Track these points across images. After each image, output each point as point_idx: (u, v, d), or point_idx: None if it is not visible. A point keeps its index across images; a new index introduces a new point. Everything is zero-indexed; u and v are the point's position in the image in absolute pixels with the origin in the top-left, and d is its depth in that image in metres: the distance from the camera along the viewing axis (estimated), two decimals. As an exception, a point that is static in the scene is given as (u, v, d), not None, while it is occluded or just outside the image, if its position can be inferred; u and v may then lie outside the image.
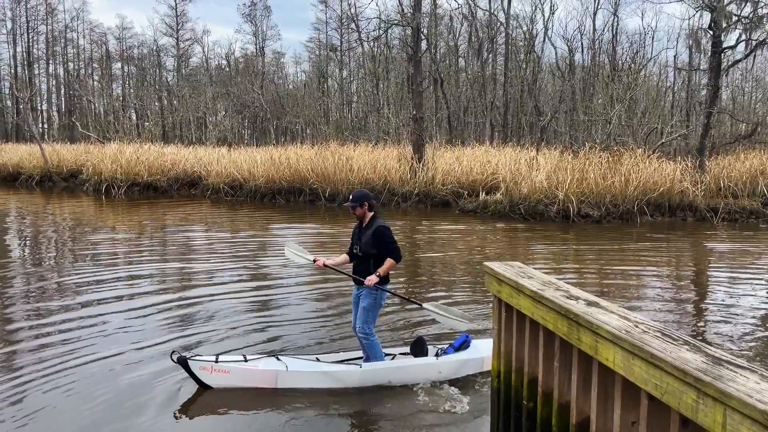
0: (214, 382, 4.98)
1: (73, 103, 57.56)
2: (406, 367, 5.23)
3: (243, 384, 4.98)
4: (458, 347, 5.56)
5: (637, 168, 16.74)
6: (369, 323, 5.17)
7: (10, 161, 30.38)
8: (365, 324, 5.15)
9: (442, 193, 19.38)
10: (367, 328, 5.16)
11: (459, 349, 5.54)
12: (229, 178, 22.38)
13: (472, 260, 11.01)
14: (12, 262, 11.03)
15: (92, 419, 4.62)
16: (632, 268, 10.50)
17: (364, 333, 5.16)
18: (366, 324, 5.16)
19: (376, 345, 5.24)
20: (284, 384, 4.99)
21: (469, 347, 5.53)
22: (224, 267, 10.21)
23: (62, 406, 4.83)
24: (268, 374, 4.97)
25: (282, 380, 4.97)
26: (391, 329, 6.80)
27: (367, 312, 5.14)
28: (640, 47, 37.45)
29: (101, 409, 4.76)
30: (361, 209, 5.22)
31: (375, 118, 34.83)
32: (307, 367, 5.06)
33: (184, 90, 43.52)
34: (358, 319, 5.22)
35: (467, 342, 5.59)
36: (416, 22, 20.86)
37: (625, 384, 2.70)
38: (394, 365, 5.23)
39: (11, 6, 58.66)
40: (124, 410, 4.74)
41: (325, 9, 57.47)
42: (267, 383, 4.97)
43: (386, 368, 5.17)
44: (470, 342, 5.59)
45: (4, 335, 6.64)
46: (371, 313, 5.16)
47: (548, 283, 3.59)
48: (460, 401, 4.97)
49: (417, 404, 4.96)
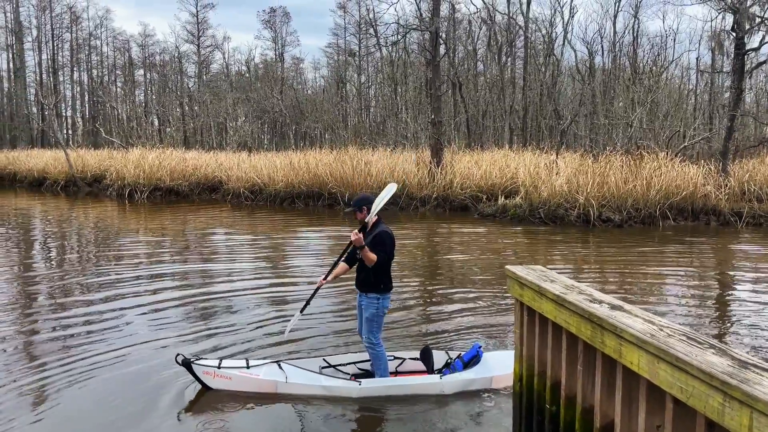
0: (216, 386, 5.09)
1: (96, 110, 58.53)
2: (407, 385, 5.10)
3: (243, 390, 5.06)
4: (468, 362, 5.33)
5: (659, 172, 16.55)
6: (374, 332, 5.11)
7: (36, 167, 31.00)
8: (370, 334, 5.10)
9: (460, 198, 19.35)
10: (373, 338, 5.11)
11: (468, 364, 5.32)
12: (249, 183, 22.59)
13: (491, 264, 10.99)
14: (38, 262, 11.29)
15: (106, 416, 4.76)
16: (655, 272, 10.39)
17: (369, 343, 5.13)
18: (371, 334, 5.11)
19: (382, 356, 5.17)
20: (284, 392, 5.04)
21: (479, 363, 5.28)
22: (243, 269, 10.33)
23: (75, 401, 5.02)
24: (268, 383, 5.04)
25: (281, 390, 5.04)
26: (403, 335, 6.72)
27: (370, 322, 5.10)
28: (661, 50, 37.05)
29: (114, 405, 4.91)
30: (362, 214, 5.13)
31: (393, 122, 34.89)
32: (307, 380, 5.06)
33: (205, 96, 44.06)
34: (363, 330, 5.19)
35: (478, 356, 5.33)
36: (435, 27, 20.90)
37: (650, 387, 2.70)
38: (394, 383, 5.12)
39: (36, 14, 60.03)
40: (133, 408, 4.86)
41: (344, 14, 57.79)
42: (267, 390, 5.05)
43: (386, 386, 5.08)
44: (481, 356, 5.33)
45: (29, 331, 6.83)
46: (375, 323, 5.10)
47: (571, 286, 3.59)
48: (481, 403, 4.96)
49: (434, 405, 4.94)
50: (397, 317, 7.40)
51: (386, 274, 5.09)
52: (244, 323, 7.13)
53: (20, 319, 7.54)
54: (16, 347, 6.46)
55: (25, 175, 31.34)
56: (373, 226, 5.15)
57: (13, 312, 7.85)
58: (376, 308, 5.06)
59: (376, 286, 5.04)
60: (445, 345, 6.24)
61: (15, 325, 7.26)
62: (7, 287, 9.34)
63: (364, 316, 5.14)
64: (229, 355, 5.91)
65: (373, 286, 5.04)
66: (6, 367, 5.83)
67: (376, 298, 5.05)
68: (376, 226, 5.13)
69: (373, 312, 5.06)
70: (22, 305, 8.20)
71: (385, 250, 5.01)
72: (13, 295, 8.82)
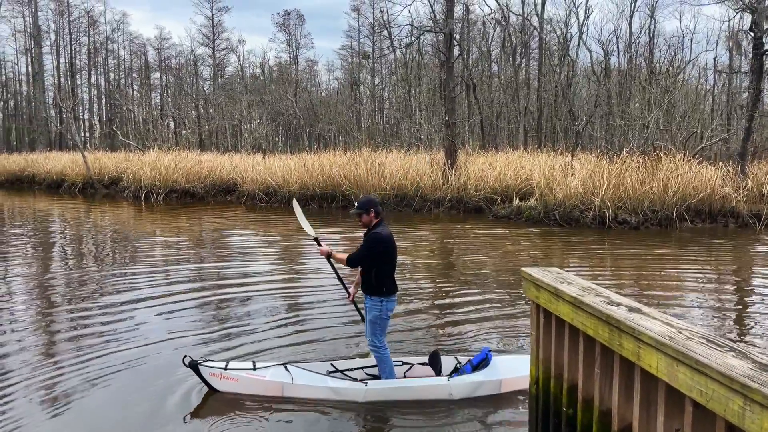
0: (222, 388, 5.11)
1: (113, 112, 59.28)
2: (414, 387, 5.05)
3: (250, 392, 5.07)
4: (476, 365, 5.26)
5: (676, 173, 16.39)
6: (378, 335, 5.06)
7: (54, 169, 31.43)
8: (374, 336, 5.06)
9: (474, 199, 19.30)
10: (377, 341, 5.06)
11: (477, 367, 5.24)
12: (264, 185, 22.72)
13: (506, 266, 10.95)
14: (55, 262, 11.45)
15: (116, 414, 4.84)
16: (672, 274, 10.28)
17: (374, 345, 5.09)
18: (375, 336, 5.06)
19: (387, 358, 5.12)
20: (290, 395, 5.04)
21: (488, 366, 5.19)
22: (258, 269, 10.38)
23: (88, 399, 5.12)
24: (274, 385, 5.04)
25: (287, 392, 5.03)
26: (416, 338, 6.69)
27: (374, 324, 5.05)
28: (678, 50, 36.69)
29: (125, 404, 4.99)
30: (368, 216, 5.04)
31: (407, 124, 34.90)
32: (313, 381, 5.04)
33: (220, 98, 44.41)
34: (367, 333, 5.17)
35: (487, 360, 5.25)
36: (449, 29, 20.88)
37: (669, 390, 2.68)
38: (401, 385, 5.08)
39: (55, 19, 60.92)
40: (142, 408, 4.93)
41: (358, 17, 58.00)
42: (273, 393, 5.04)
43: (392, 388, 5.04)
44: (490, 360, 5.24)
45: (46, 328, 6.95)
46: (378, 325, 5.05)
47: (588, 288, 3.57)
48: (492, 407, 4.91)
49: (442, 408, 4.90)
50: (411, 320, 7.40)
51: (388, 276, 5.02)
52: (258, 324, 7.17)
53: (38, 316, 7.68)
54: (33, 344, 6.60)
55: (44, 178, 31.79)
56: (370, 230, 5.07)
57: (31, 310, 8.01)
58: (379, 311, 5.01)
59: (378, 289, 4.99)
60: (460, 347, 6.23)
61: (33, 322, 7.41)
62: (25, 286, 9.51)
63: (368, 318, 5.12)
64: (244, 355, 5.96)
65: (375, 289, 4.99)
66: (24, 362, 5.95)
67: (379, 300, 5.00)
68: (373, 229, 5.05)
69: (377, 314, 5.02)
70: (40, 304, 8.33)
71: (369, 249, 4.94)
72: (32, 294, 8.98)
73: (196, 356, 5.26)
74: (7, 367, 5.82)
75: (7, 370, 5.75)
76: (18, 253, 12.62)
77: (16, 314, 7.73)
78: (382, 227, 5.04)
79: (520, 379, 5.03)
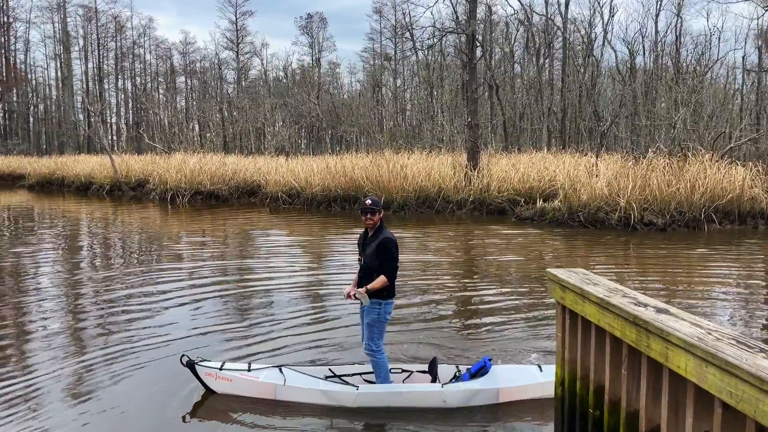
0: (218, 388, 5.14)
1: (140, 116, 60.32)
2: (407, 393, 4.92)
3: (244, 393, 5.08)
4: (474, 373, 5.10)
5: (704, 174, 16.11)
6: (374, 339, 4.94)
7: (83, 171, 32.10)
8: (371, 340, 4.95)
9: (497, 201, 19.20)
10: (374, 345, 4.94)
11: (475, 375, 5.07)
12: (287, 187, 22.90)
13: (530, 267, 10.88)
14: (84, 260, 11.70)
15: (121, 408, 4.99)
16: (700, 276, 10.12)
17: (370, 350, 4.97)
18: (371, 340, 4.94)
19: (383, 363, 5.00)
20: (282, 397, 5.01)
21: (486, 375, 5.01)
22: (281, 270, 10.47)
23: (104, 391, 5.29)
24: (267, 387, 5.04)
25: (280, 394, 5.01)
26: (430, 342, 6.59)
27: (371, 328, 4.93)
28: (705, 49, 36.07)
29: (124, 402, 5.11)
30: (379, 215, 4.96)
31: (429, 125, 34.88)
32: (305, 383, 5.00)
33: (243, 101, 44.90)
34: (363, 336, 5.05)
35: (485, 368, 5.07)
36: (471, 30, 20.84)
37: (698, 392, 2.66)
38: (393, 390, 4.95)
39: (83, 24, 62.25)
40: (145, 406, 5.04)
41: (380, 19, 58.20)
42: (266, 395, 5.04)
43: (384, 393, 4.91)
44: (488, 368, 5.06)
45: (74, 321, 7.13)
46: (376, 329, 4.93)
47: (614, 289, 3.55)
48: (494, 415, 4.81)
49: (446, 416, 4.77)
50: (432, 324, 7.40)
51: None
52: (281, 324, 7.24)
53: (66, 310, 7.95)
54: (61, 335, 6.86)
55: (73, 180, 32.48)
56: (377, 231, 4.98)
57: (60, 303, 8.27)
58: (377, 314, 4.92)
59: (378, 293, 4.87)
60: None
61: (62, 315, 7.70)
62: (55, 281, 9.80)
63: (365, 321, 5.00)
64: (264, 353, 6.03)
65: (376, 292, 4.87)
66: (53, 352, 6.19)
67: (377, 303, 4.88)
68: (380, 231, 4.96)
69: (374, 318, 4.92)
70: (68, 298, 8.58)
71: (394, 258, 4.87)
72: (61, 289, 9.26)
73: (190, 357, 5.27)
74: (35, 359, 6.00)
75: (35, 362, 5.92)
76: (48, 251, 12.93)
77: (44, 307, 7.96)
78: (386, 230, 4.99)
79: (519, 389, 4.97)
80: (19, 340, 6.87)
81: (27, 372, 5.76)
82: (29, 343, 6.74)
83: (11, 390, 5.32)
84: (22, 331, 7.21)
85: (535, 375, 5.11)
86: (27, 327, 7.35)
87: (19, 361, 6.09)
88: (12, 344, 6.69)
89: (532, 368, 5.25)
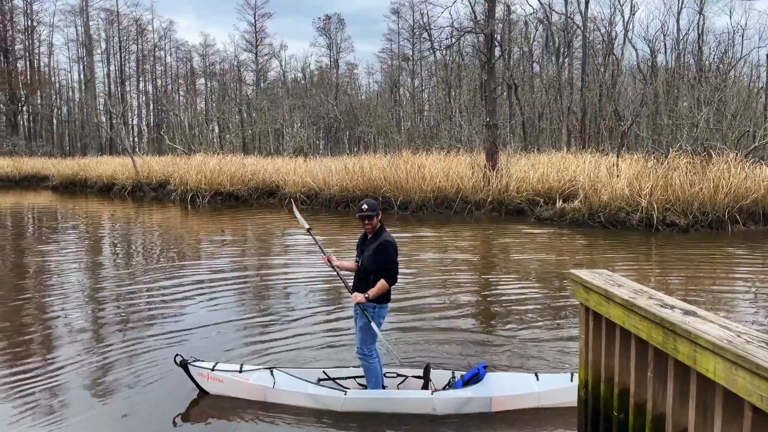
0: (210, 389, 5.16)
1: (160, 118, 61.09)
2: (395, 399, 4.82)
3: (235, 394, 5.08)
4: (468, 381, 4.95)
5: (727, 174, 15.84)
6: (367, 343, 4.85)
7: (105, 173, 32.55)
8: (363, 344, 4.85)
9: (516, 201, 19.08)
10: (366, 349, 4.85)
11: (468, 383, 4.93)
12: (305, 188, 22.99)
13: (550, 268, 10.79)
14: (106, 257, 11.88)
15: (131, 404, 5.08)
16: (724, 278, 9.95)
17: (362, 353, 4.88)
18: (364, 344, 4.85)
19: (375, 368, 4.89)
20: (272, 400, 4.98)
21: (479, 382, 4.86)
22: (299, 269, 10.51)
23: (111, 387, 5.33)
24: (256, 389, 5.02)
25: (269, 396, 4.99)
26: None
27: (364, 332, 4.84)
28: (728, 47, 35.47)
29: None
30: (377, 219, 4.84)
31: (447, 126, 34.79)
32: (294, 387, 4.95)
33: (262, 103, 45.22)
34: (357, 340, 4.96)
35: (478, 375, 4.92)
36: (490, 29, 20.74)
37: (727, 395, 2.62)
38: (381, 396, 4.85)
39: (105, 28, 63.21)
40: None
41: (398, 20, 58.21)
42: (256, 397, 5.03)
43: (372, 399, 4.83)
44: (482, 376, 4.90)
45: (94, 315, 7.24)
46: (369, 333, 4.83)
47: (640, 291, 3.51)
48: (517, 417, 4.73)
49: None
50: (447, 327, 7.37)
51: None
52: (297, 324, 7.27)
53: (88, 305, 8.18)
54: (82, 329, 7.09)
55: (95, 181, 32.96)
56: (376, 233, 4.87)
57: (82, 299, 8.48)
58: (371, 317, 4.82)
59: (375, 297, 4.79)
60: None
61: (83, 310, 7.93)
62: (79, 277, 10.04)
63: (358, 325, 4.92)
64: (274, 349, 6.09)
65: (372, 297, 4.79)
66: (72, 345, 6.43)
67: (372, 307, 4.80)
68: (380, 234, 4.86)
69: (367, 321, 4.81)
70: (90, 294, 8.76)
71: (394, 261, 4.79)
72: (84, 285, 9.48)
73: (183, 356, 5.27)
74: (58, 351, 6.15)
75: (59, 354, 6.06)
76: (71, 250, 13.14)
77: (67, 302, 8.12)
78: (386, 233, 4.89)
79: (514, 399, 4.81)
80: (42, 335, 7.02)
81: (48, 365, 5.89)
82: (51, 337, 6.90)
83: (34, 382, 5.45)
84: (45, 326, 7.37)
85: (531, 384, 4.91)
86: (49, 322, 7.51)
87: (41, 355, 6.22)
88: (35, 338, 6.86)
89: (528, 377, 5.06)
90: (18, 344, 6.67)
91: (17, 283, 10.02)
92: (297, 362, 5.89)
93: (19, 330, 7.22)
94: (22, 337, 6.96)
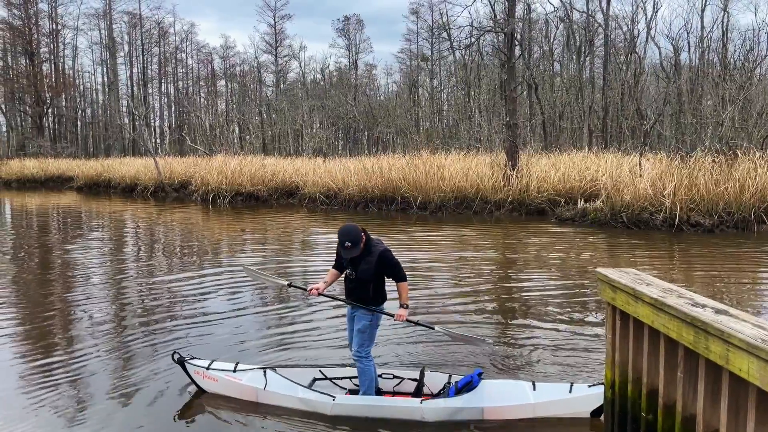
0: (205, 387, 5.18)
1: (182, 119, 61.75)
2: (384, 407, 4.75)
3: (229, 394, 5.09)
4: (461, 388, 4.83)
5: (753, 173, 15.53)
6: (365, 346, 4.84)
7: (128, 174, 33.01)
8: (360, 347, 4.82)
9: (537, 201, 18.94)
10: (362, 351, 4.83)
11: (461, 390, 4.80)
12: (324, 188, 23.07)
13: (572, 268, 10.69)
14: (129, 256, 12.05)
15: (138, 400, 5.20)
16: (751, 278, 9.76)
17: (358, 356, 4.83)
18: (361, 347, 4.83)
19: (369, 371, 4.85)
20: (263, 401, 4.97)
21: (472, 391, 4.72)
22: (319, 268, 10.53)
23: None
24: (249, 390, 5.02)
25: (261, 397, 4.98)
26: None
27: (362, 334, 4.82)
28: (754, 44, 34.78)
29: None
30: (363, 246, 4.73)
31: (466, 125, 34.66)
32: (283, 389, 4.92)
33: (282, 104, 45.49)
34: (353, 342, 4.91)
35: (472, 383, 4.79)
36: (510, 28, 20.61)
37: (761, 395, 2.57)
38: (369, 403, 4.78)
39: (128, 31, 64.10)
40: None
41: (417, 20, 58.13)
42: (249, 397, 5.03)
43: (361, 405, 4.78)
44: (476, 384, 4.76)
45: (116, 310, 7.34)
46: (367, 335, 4.83)
47: (669, 290, 3.46)
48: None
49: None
50: (467, 326, 7.34)
51: (383, 288, 4.90)
52: (316, 325, 7.31)
53: (110, 300, 8.36)
54: (103, 323, 7.28)
55: (118, 182, 33.43)
56: (368, 248, 4.79)
57: (104, 294, 8.69)
58: (369, 320, 4.84)
59: (374, 301, 4.83)
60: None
61: (106, 305, 8.12)
62: (102, 274, 10.27)
63: (355, 327, 4.89)
64: (291, 344, 6.10)
65: (372, 301, 4.82)
66: (92, 337, 6.67)
67: (371, 310, 4.82)
68: (372, 247, 4.79)
69: (366, 324, 4.82)
70: (112, 290, 8.94)
71: (399, 263, 4.83)
72: (107, 282, 9.71)
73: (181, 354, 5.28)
74: (81, 349, 6.26)
75: (81, 353, 6.16)
76: (95, 248, 13.35)
77: (91, 299, 8.25)
78: (379, 244, 4.85)
79: (508, 409, 4.64)
80: (64, 329, 7.19)
81: (70, 356, 6.09)
82: (74, 332, 7.09)
83: (59, 373, 5.59)
84: (66, 320, 7.55)
85: (527, 394, 4.70)
86: (72, 316, 7.70)
87: (62, 348, 6.36)
88: (58, 332, 7.05)
89: (524, 385, 4.82)
90: (32, 337, 6.91)
91: (42, 279, 10.25)
92: (311, 359, 5.93)
93: (36, 322, 7.44)
94: (38, 330, 7.20)
